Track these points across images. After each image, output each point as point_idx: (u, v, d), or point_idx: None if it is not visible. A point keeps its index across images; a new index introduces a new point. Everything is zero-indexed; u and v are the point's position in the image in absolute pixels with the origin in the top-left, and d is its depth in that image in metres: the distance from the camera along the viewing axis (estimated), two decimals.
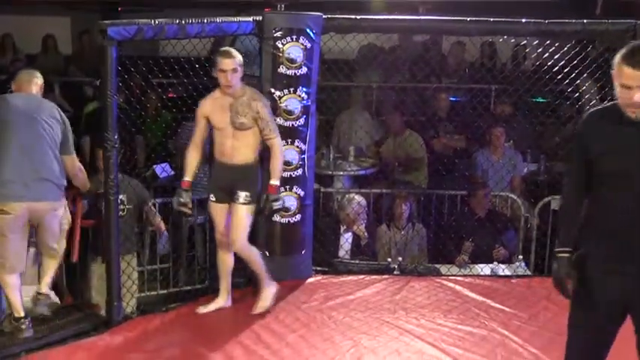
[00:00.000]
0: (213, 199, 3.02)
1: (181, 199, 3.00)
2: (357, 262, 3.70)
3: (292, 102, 3.37)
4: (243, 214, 2.93)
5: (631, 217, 1.81)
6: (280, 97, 3.34)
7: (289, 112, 3.37)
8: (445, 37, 5.68)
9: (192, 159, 3.03)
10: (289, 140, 3.35)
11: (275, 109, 3.27)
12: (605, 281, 1.87)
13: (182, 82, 3.89)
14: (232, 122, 2.89)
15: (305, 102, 3.40)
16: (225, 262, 3.07)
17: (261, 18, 3.33)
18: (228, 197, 2.96)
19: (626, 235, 1.83)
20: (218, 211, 3.03)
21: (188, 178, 3.03)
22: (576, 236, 1.93)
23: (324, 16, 3.42)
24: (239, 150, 2.93)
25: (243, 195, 2.92)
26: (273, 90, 3.33)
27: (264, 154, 3.04)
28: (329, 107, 4.74)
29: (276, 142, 2.97)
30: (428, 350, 2.80)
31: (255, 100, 2.93)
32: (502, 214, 4.19)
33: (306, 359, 2.72)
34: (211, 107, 2.97)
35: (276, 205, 2.98)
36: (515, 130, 4.67)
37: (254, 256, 3.04)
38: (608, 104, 1.95)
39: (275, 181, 2.96)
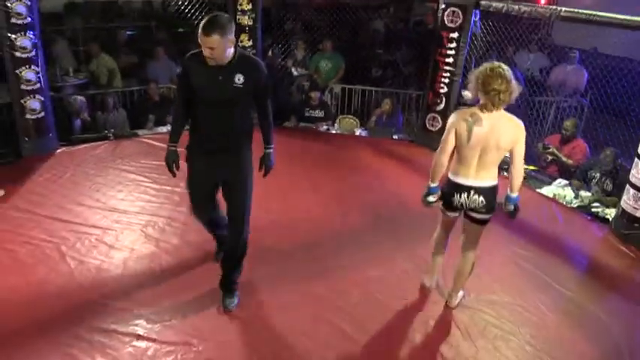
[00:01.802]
0: None
1: None
2: (85, 135, 6.00)
3: (25, 41, 5.24)
4: None
5: (212, 123, 2.99)
6: (16, 39, 5.22)
7: (24, 48, 5.25)
8: None
9: None
10: (28, 66, 5.28)
11: (14, 47, 5.18)
12: (201, 160, 3.08)
13: None
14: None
15: (33, 40, 5.33)
16: None
17: None
18: None
19: (210, 132, 3.02)
20: None
21: None
22: (179, 134, 3.11)
23: None
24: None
25: None
26: (9, 34, 5.17)
27: None
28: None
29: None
30: (139, 179, 5.04)
31: None
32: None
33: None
34: None
35: None
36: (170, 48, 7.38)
37: None
38: (198, 50, 2.88)
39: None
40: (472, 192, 3.08)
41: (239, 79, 2.95)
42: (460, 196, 3.11)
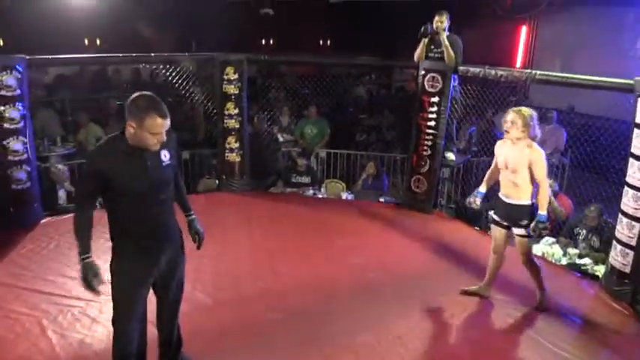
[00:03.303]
0: None
1: None
2: (71, 205, 5.94)
3: (13, 112, 5.30)
4: None
5: (148, 216, 2.63)
6: (4, 110, 5.25)
7: (12, 119, 5.29)
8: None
9: None
10: (15, 136, 5.32)
11: (2, 119, 5.22)
12: (140, 263, 2.67)
13: None
14: None
15: (22, 112, 5.38)
16: None
17: None
18: None
19: (148, 228, 2.66)
20: None
21: None
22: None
23: (27, 57, 5.40)
24: None
25: None
26: None
27: None
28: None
29: None
30: None
31: None
32: None
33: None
34: None
35: None
36: None
37: None
38: (113, 140, 2.59)
39: None
40: None
41: (165, 156, 2.68)
42: None
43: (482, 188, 4.09)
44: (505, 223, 3.97)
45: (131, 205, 2.60)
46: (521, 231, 3.87)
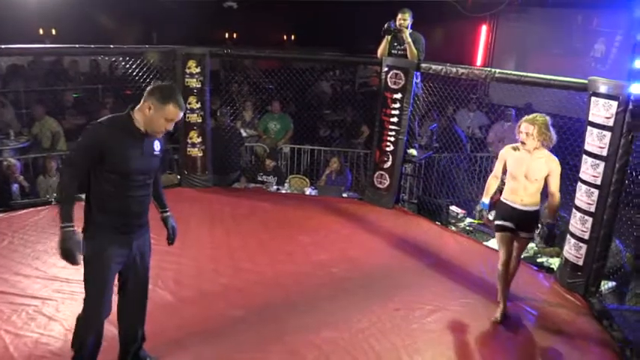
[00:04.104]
0: None
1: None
2: (25, 200, 5.76)
3: None
4: None
5: (131, 198, 2.74)
6: None
7: None
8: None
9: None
10: None
11: None
12: (113, 243, 2.74)
13: None
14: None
15: None
16: None
17: None
18: None
19: (127, 210, 2.76)
20: None
21: None
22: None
23: None
24: None
25: None
26: None
27: None
28: None
29: None
30: None
31: None
32: None
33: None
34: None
35: None
36: (117, 110, 7.40)
37: None
38: (120, 118, 2.73)
39: None
40: None
41: (157, 146, 2.82)
42: None
43: (486, 199, 4.07)
44: (513, 227, 3.89)
45: (117, 184, 2.69)
46: (530, 234, 3.95)
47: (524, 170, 3.80)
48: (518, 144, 3.84)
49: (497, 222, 3.96)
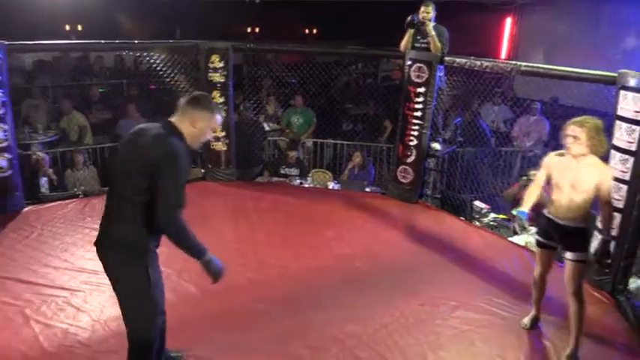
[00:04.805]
0: None
1: None
2: (54, 194, 5.88)
3: None
4: None
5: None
6: None
7: None
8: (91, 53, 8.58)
9: None
10: None
11: None
12: (156, 259, 2.76)
13: None
14: None
15: (2, 99, 5.28)
16: None
17: None
18: None
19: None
20: None
21: None
22: None
23: (6, 43, 5.31)
24: None
25: None
26: None
27: None
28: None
29: None
30: None
31: None
32: None
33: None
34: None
35: None
36: (141, 105, 7.39)
37: None
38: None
39: None
40: None
41: None
42: None
43: (525, 208, 3.53)
44: (554, 246, 3.61)
45: None
46: (578, 255, 3.43)
47: (569, 179, 3.35)
48: (564, 150, 3.42)
49: (536, 237, 3.70)
